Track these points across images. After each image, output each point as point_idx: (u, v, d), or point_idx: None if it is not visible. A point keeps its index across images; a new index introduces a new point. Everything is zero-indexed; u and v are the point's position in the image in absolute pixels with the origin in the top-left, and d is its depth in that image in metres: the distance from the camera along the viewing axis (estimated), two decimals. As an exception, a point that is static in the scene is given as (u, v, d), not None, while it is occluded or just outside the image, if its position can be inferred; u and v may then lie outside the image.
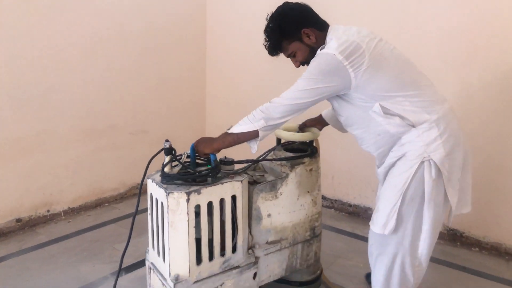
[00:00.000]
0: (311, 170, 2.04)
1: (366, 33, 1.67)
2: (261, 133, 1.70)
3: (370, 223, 1.77)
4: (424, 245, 1.72)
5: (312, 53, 1.72)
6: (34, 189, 3.03)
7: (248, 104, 3.85)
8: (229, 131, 1.75)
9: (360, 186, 3.28)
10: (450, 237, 2.89)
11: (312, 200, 2.07)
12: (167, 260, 1.68)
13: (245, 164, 1.98)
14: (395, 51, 1.69)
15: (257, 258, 1.92)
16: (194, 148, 1.78)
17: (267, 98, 1.75)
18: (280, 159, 2.02)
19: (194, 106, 4.17)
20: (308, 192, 2.05)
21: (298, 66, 1.83)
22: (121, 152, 3.55)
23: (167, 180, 1.67)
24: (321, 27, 1.75)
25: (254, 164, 2.06)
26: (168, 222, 1.62)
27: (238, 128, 1.73)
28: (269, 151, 2.17)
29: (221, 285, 1.79)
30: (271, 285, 2.06)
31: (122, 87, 3.48)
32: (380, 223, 1.70)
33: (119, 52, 3.44)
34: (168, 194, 1.60)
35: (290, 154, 2.07)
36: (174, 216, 1.62)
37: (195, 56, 4.09)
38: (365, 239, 2.83)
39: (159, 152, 1.79)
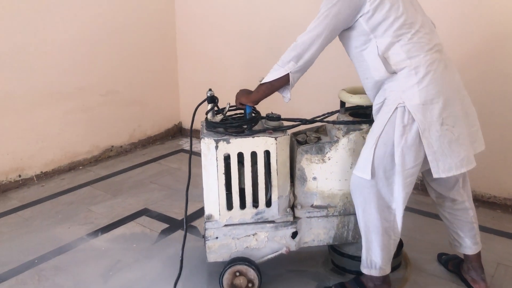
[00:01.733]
0: (363, 137, 1.88)
1: None
2: (291, 77, 1.69)
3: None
4: (398, 191, 1.71)
5: None
6: (2, 154, 2.94)
7: (222, 60, 3.81)
8: (262, 82, 1.76)
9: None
10: (423, 186, 2.94)
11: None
12: (204, 199, 1.83)
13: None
14: None
15: (297, 218, 1.92)
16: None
17: (243, 54, 1.71)
18: (334, 122, 1.93)
19: (166, 64, 4.05)
20: None
21: None
22: (92, 114, 3.45)
23: (208, 127, 1.81)
24: None
25: (304, 123, 1.96)
26: (202, 165, 1.77)
27: (270, 76, 1.73)
28: (330, 113, 2.10)
29: (253, 235, 1.88)
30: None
31: (90, 48, 3.35)
32: (359, 167, 1.72)
33: (88, 12, 3.29)
34: (201, 139, 1.75)
35: (350, 119, 1.97)
36: (206, 160, 1.76)
37: (164, 11, 3.93)
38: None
39: (203, 101, 1.87)
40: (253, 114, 1.87)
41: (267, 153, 1.77)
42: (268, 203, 1.84)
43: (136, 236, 2.41)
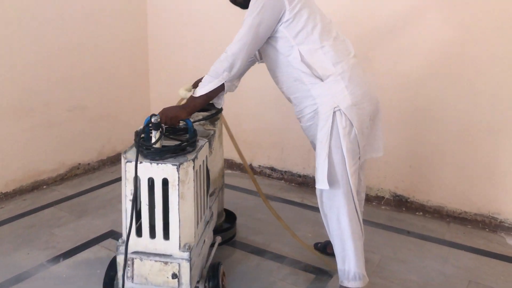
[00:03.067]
0: (221, 124, 2.28)
1: None
2: (227, 85, 1.82)
3: (316, 182, 1.83)
4: (353, 189, 1.81)
5: None
6: (-41, 174, 2.79)
7: (195, 74, 3.73)
8: (197, 95, 1.83)
9: (309, 156, 3.26)
10: (396, 203, 2.95)
11: (222, 150, 2.33)
12: (175, 234, 1.62)
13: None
14: (315, 4, 1.87)
15: (211, 209, 2.05)
16: (149, 120, 1.67)
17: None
18: (204, 119, 2.09)
19: (137, 78, 3.95)
20: (221, 144, 2.29)
21: None
22: (58, 130, 3.32)
23: (163, 154, 1.63)
24: None
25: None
26: (178, 195, 1.60)
27: (205, 88, 1.81)
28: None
29: (203, 242, 1.86)
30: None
31: (55, 61, 3.22)
32: (319, 179, 1.78)
33: (54, 24, 3.17)
34: (179, 167, 1.58)
35: (201, 114, 2.14)
36: (184, 186, 1.61)
37: (135, 24, 3.85)
38: (313, 209, 2.85)
39: (144, 128, 1.70)
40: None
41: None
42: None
43: (101, 261, 2.29)
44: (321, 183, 1.78)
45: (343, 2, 2.88)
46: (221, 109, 2.19)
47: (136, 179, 1.59)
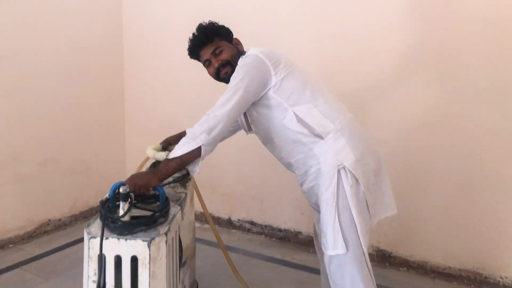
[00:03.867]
0: (192, 184, 2.13)
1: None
2: (203, 149, 1.66)
3: (323, 248, 1.71)
4: (366, 252, 1.69)
5: (238, 56, 1.84)
6: None
7: (172, 127, 3.68)
8: (170, 157, 1.67)
9: (289, 209, 3.20)
10: (379, 258, 2.88)
11: (193, 214, 2.21)
12: None
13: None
14: (301, 68, 1.86)
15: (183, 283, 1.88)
16: (116, 188, 1.51)
17: (193, 119, 1.70)
18: (174, 181, 1.88)
19: (112, 130, 3.88)
20: (192, 206, 2.16)
21: (217, 67, 1.87)
22: (28, 185, 3.17)
23: (132, 229, 1.44)
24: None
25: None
26: (149, 275, 1.41)
27: (180, 150, 1.66)
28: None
29: None
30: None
31: (26, 113, 3.13)
32: (330, 245, 1.65)
33: (23, 75, 3.09)
34: (150, 242, 1.40)
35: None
36: (155, 264, 1.42)
37: (111, 76, 3.82)
38: (295, 266, 2.75)
39: (110, 200, 1.53)
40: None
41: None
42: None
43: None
44: (335, 248, 1.64)
45: (330, 59, 2.93)
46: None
47: (101, 257, 1.41)
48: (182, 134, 2.13)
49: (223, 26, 1.93)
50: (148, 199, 1.66)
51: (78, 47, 3.46)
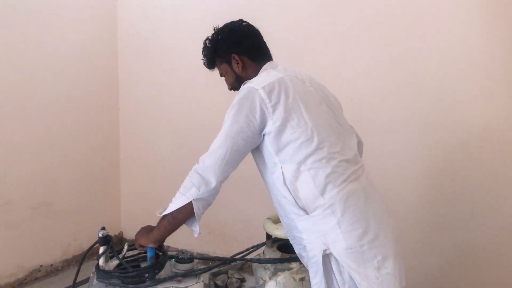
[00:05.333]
0: (301, 279, 1.57)
1: (301, 76, 1.54)
2: (195, 205, 1.40)
3: None
4: None
5: (238, 82, 1.60)
6: None
7: (167, 165, 3.66)
8: (163, 213, 1.46)
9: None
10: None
11: None
12: None
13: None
14: (322, 108, 1.48)
15: None
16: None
17: (192, 159, 1.50)
18: (258, 260, 1.60)
19: (107, 172, 3.83)
20: None
21: (230, 89, 1.70)
22: (18, 230, 3.08)
23: (102, 277, 1.45)
24: (257, 57, 1.61)
25: (224, 263, 1.69)
26: None
27: (171, 206, 1.43)
28: (256, 247, 1.83)
29: None
30: None
31: (17, 156, 3.09)
32: None
33: (15, 116, 3.07)
34: None
35: (278, 254, 1.67)
36: None
37: (106, 117, 3.81)
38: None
39: (93, 246, 1.53)
40: (158, 256, 1.57)
41: None
42: None
43: None
44: None
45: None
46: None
47: None
48: None
49: (222, 42, 1.62)
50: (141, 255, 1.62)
51: (73, 89, 3.47)
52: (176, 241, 3.43)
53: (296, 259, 1.60)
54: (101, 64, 3.75)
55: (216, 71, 1.72)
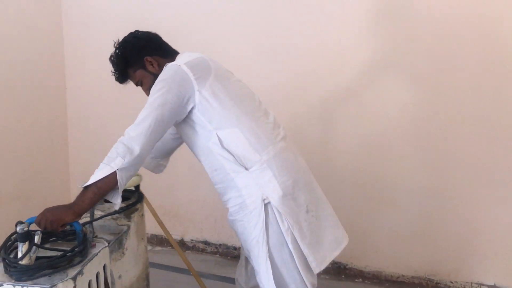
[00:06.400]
0: (142, 215, 1.93)
1: (215, 60, 1.69)
2: (119, 175, 1.43)
3: (260, 285, 1.57)
4: None
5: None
6: None
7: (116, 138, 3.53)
8: (85, 184, 1.46)
9: (244, 227, 3.14)
10: (335, 270, 2.89)
11: (145, 246, 1.95)
12: None
13: None
14: (240, 83, 1.69)
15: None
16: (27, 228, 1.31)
17: None
18: (116, 212, 1.68)
19: (54, 152, 3.66)
20: (142, 239, 1.91)
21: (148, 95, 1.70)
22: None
23: (31, 274, 1.27)
24: (167, 54, 1.74)
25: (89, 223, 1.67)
26: None
27: (95, 176, 1.44)
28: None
29: None
30: None
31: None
32: (265, 285, 1.54)
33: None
34: None
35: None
36: None
37: (52, 91, 3.61)
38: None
39: (7, 243, 1.37)
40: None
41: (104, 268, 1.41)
42: None
43: None
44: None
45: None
46: (141, 197, 1.94)
47: None
48: None
49: (131, 50, 1.72)
50: (67, 236, 1.50)
51: (16, 66, 3.26)
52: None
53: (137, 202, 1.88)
54: (47, 42, 3.55)
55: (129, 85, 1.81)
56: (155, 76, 1.63)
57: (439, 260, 2.64)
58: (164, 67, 1.61)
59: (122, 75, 1.75)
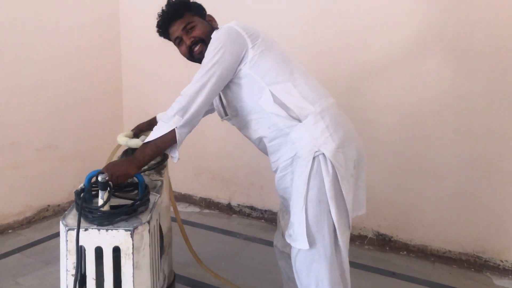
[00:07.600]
0: (167, 173, 2.03)
1: None
2: (178, 132, 1.51)
3: (289, 239, 1.56)
4: (344, 250, 1.55)
5: (211, 34, 1.65)
6: None
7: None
8: (145, 141, 1.56)
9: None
10: (380, 242, 2.89)
11: (169, 199, 2.04)
12: None
13: None
14: (282, 47, 1.70)
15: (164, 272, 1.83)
16: (92, 177, 1.44)
17: None
18: (150, 169, 1.79)
19: (110, 117, 3.84)
20: (167, 193, 1.99)
21: (189, 45, 1.70)
22: (26, 171, 3.15)
23: (113, 218, 1.37)
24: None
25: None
26: (133, 265, 1.34)
27: (154, 133, 1.54)
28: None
29: None
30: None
31: (24, 99, 3.10)
32: (295, 236, 1.52)
33: (21, 61, 3.05)
34: (133, 232, 1.33)
35: None
36: (139, 254, 1.36)
37: (109, 62, 3.78)
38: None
39: (86, 190, 1.44)
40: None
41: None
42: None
43: (70, 314, 2.11)
44: (297, 241, 1.51)
45: (338, 34, 2.90)
46: (166, 156, 1.91)
47: (79, 249, 1.31)
48: (153, 120, 2.07)
49: (194, 2, 1.76)
50: (125, 187, 1.58)
51: (77, 42, 3.43)
52: (179, 186, 3.50)
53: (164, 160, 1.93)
54: (103, 20, 3.67)
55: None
56: (212, 29, 1.70)
57: (488, 237, 2.57)
58: (215, 31, 1.65)
59: (175, 12, 1.70)
